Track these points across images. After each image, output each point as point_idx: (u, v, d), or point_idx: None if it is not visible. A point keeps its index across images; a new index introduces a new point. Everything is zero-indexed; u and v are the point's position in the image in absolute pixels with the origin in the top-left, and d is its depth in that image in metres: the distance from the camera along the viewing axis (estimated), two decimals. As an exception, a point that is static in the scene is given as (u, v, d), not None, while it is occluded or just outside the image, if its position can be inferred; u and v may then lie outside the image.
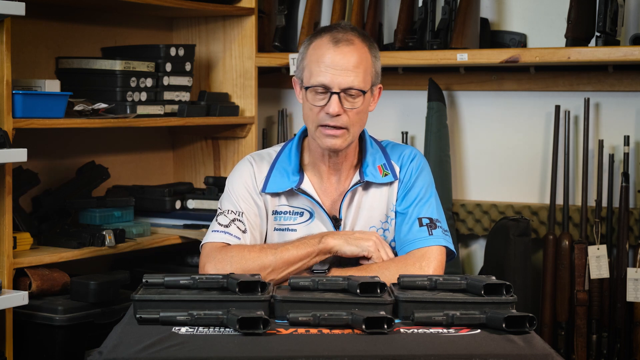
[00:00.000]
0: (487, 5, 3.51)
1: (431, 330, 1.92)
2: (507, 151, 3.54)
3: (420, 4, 3.50)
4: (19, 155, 2.61)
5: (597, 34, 3.11)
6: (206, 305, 1.95)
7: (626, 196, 3.21)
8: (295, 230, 2.39)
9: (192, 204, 3.40)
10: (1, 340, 2.67)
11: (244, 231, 2.36)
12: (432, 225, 2.35)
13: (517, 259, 3.21)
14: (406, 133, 3.62)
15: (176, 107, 3.34)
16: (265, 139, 3.88)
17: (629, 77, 3.29)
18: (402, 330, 1.92)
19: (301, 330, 1.91)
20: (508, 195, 3.54)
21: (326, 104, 2.27)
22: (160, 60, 3.27)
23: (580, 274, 3.25)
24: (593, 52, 3.08)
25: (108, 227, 3.07)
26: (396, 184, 2.42)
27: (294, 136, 2.48)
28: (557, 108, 3.36)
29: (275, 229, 2.41)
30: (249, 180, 2.41)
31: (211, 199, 3.36)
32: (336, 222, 2.38)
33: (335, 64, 2.27)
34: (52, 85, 2.88)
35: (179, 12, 3.54)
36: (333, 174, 2.40)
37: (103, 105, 3.02)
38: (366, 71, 2.31)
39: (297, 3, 3.80)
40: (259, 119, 3.78)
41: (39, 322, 2.74)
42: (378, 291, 2.00)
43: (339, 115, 2.27)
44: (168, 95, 3.31)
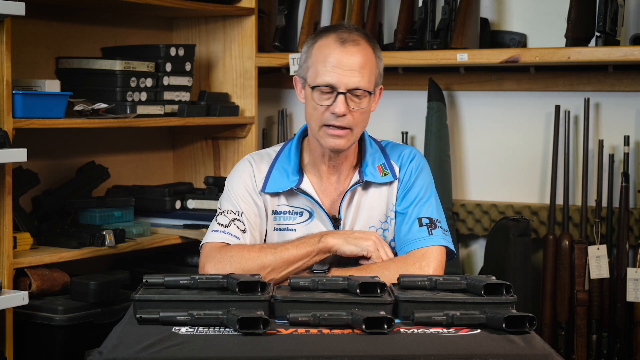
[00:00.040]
0: (487, 5, 3.51)
1: (431, 330, 1.92)
2: (507, 151, 3.54)
3: (420, 4, 3.50)
4: (19, 155, 2.61)
5: (597, 34, 3.11)
6: (206, 305, 1.95)
7: (626, 196, 3.21)
8: (294, 230, 2.39)
9: (192, 204, 3.40)
10: (1, 340, 2.67)
11: (244, 231, 2.36)
12: (432, 225, 2.35)
13: (517, 259, 3.20)
14: (406, 133, 3.62)
15: (176, 107, 3.34)
16: (265, 139, 3.88)
17: (629, 77, 3.29)
18: (402, 330, 1.92)
19: (301, 330, 1.91)
20: (508, 195, 3.54)
21: (332, 104, 2.28)
22: (160, 60, 3.27)
23: (580, 274, 3.25)
24: (593, 52, 3.08)
25: (108, 227, 3.07)
26: (396, 184, 2.42)
27: (294, 136, 2.48)
28: (557, 108, 3.36)
29: (274, 229, 2.41)
30: (249, 180, 2.41)
31: (211, 199, 3.36)
32: (336, 222, 2.38)
33: (342, 64, 2.27)
34: (52, 85, 2.88)
35: (179, 12, 3.54)
36: (333, 174, 2.41)
37: (103, 105, 3.02)
38: (371, 72, 2.31)
39: (297, 3, 3.80)
40: (259, 119, 3.78)
41: (39, 322, 2.74)
42: (378, 291, 2.00)
43: (344, 115, 2.28)
44: (168, 95, 3.31)
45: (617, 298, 3.21)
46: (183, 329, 1.89)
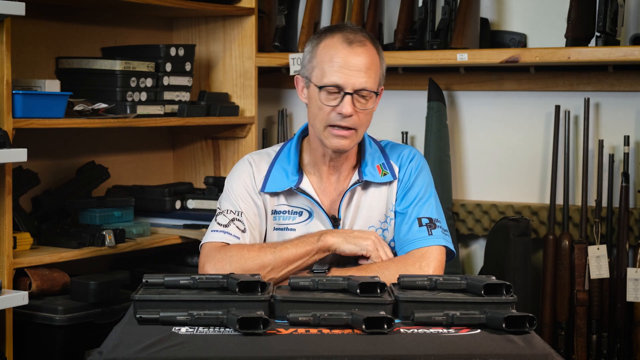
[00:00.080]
0: (487, 5, 3.51)
1: (431, 330, 1.92)
2: (507, 151, 3.54)
3: (420, 4, 3.50)
4: (19, 155, 2.61)
5: (597, 34, 3.11)
6: (206, 305, 1.95)
7: (626, 196, 3.21)
8: (294, 229, 2.39)
9: (192, 204, 3.40)
10: (1, 340, 2.67)
11: (244, 231, 2.36)
12: (432, 225, 2.35)
13: (517, 259, 3.20)
14: (406, 133, 3.62)
15: (176, 107, 3.34)
16: (265, 139, 3.88)
17: (629, 77, 3.29)
18: (402, 330, 1.92)
19: (301, 330, 1.91)
20: (508, 195, 3.54)
21: (338, 105, 2.28)
22: (160, 60, 3.27)
23: (580, 274, 3.25)
24: (593, 52, 3.08)
25: (108, 227, 3.07)
26: (395, 184, 2.42)
27: (293, 136, 2.48)
28: (557, 108, 3.36)
29: (274, 229, 2.41)
30: (248, 179, 2.41)
31: (211, 199, 3.36)
32: (335, 222, 2.38)
33: (349, 65, 2.27)
34: (52, 85, 2.88)
35: (179, 12, 3.54)
36: (332, 174, 2.41)
37: (103, 105, 3.02)
38: (376, 72, 2.32)
39: (297, 3, 3.80)
40: (259, 119, 3.78)
41: (39, 322, 2.74)
42: (378, 291, 2.00)
43: (351, 115, 2.28)
44: (168, 95, 3.31)
45: (617, 298, 3.21)
46: (183, 329, 1.89)
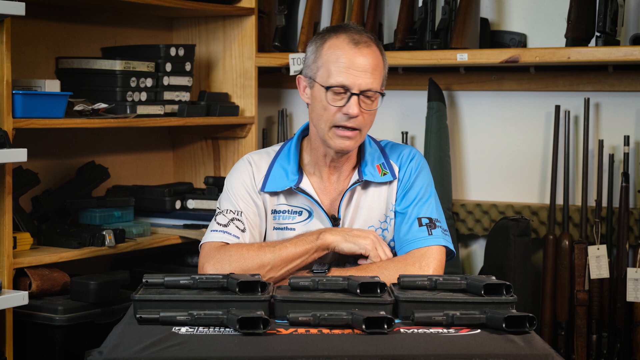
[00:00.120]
0: (487, 5, 3.51)
1: (431, 330, 1.92)
2: (507, 151, 3.54)
3: (420, 4, 3.50)
4: (19, 155, 2.61)
5: (597, 34, 3.11)
6: (206, 305, 1.95)
7: (626, 196, 3.21)
8: (294, 229, 2.39)
9: (192, 204, 3.40)
10: (1, 340, 2.67)
11: (243, 230, 2.36)
12: (432, 225, 2.35)
13: (517, 259, 3.20)
14: (406, 133, 3.62)
15: (176, 107, 3.34)
16: (265, 139, 3.88)
17: (629, 77, 3.29)
18: (402, 330, 1.92)
19: (301, 330, 1.91)
20: (508, 195, 3.54)
21: (344, 105, 2.28)
22: (160, 60, 3.27)
23: (580, 274, 3.25)
24: (593, 52, 3.08)
25: (108, 227, 3.07)
26: (395, 184, 2.42)
27: (293, 136, 2.48)
28: (557, 108, 3.36)
29: (274, 228, 2.41)
30: (248, 179, 2.41)
31: (211, 199, 3.36)
32: (335, 222, 2.38)
33: (356, 65, 2.27)
34: (52, 85, 2.88)
35: (179, 12, 3.54)
36: (333, 174, 2.41)
37: (103, 105, 3.02)
38: (380, 73, 2.33)
39: (297, 3, 3.80)
40: (259, 119, 3.78)
41: (39, 322, 2.74)
42: (378, 291, 2.00)
43: (357, 116, 2.28)
44: (168, 95, 3.31)
45: (617, 298, 3.21)
46: (183, 329, 1.89)
